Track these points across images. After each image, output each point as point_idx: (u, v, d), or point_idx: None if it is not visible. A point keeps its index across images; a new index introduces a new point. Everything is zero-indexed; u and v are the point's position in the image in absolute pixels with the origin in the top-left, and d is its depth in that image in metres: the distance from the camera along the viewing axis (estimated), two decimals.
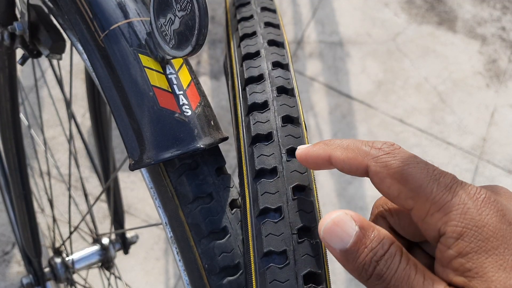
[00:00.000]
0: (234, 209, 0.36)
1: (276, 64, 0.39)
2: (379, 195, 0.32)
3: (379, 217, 0.33)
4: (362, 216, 0.29)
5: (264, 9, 0.44)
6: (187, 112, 0.36)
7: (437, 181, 0.28)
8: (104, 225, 1.29)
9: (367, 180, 1.32)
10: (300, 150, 0.33)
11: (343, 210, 0.29)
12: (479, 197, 0.28)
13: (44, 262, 0.92)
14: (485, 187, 0.30)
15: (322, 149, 0.32)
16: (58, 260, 0.88)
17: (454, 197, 0.28)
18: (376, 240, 0.28)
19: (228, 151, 1.39)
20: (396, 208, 0.32)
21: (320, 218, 0.34)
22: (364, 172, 0.30)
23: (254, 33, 0.41)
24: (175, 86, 0.37)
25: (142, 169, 0.38)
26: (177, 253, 0.37)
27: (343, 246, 0.29)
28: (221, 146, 0.95)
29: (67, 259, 0.89)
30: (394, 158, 0.29)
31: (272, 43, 0.41)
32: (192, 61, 1.54)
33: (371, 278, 0.28)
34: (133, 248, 0.96)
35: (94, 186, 1.33)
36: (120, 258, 1.23)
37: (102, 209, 1.31)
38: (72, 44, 0.45)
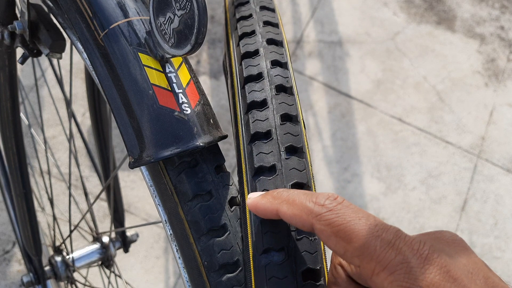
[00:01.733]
0: (234, 207, 0.36)
1: (275, 63, 0.40)
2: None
3: (337, 266, 0.33)
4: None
5: (263, 8, 0.44)
6: (187, 111, 0.36)
7: (379, 237, 0.28)
8: (104, 223, 1.29)
9: (366, 179, 1.32)
10: (250, 200, 0.33)
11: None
12: (422, 254, 0.27)
13: (45, 260, 0.92)
14: (430, 235, 0.29)
15: (269, 202, 0.32)
16: (58, 258, 0.89)
17: (398, 255, 0.27)
18: None
19: (228, 150, 1.39)
20: None
21: None
22: (310, 229, 0.30)
23: (253, 32, 0.42)
24: (174, 85, 0.37)
25: (142, 167, 0.39)
26: (177, 251, 0.37)
27: None
28: (221, 145, 0.95)
29: (67, 257, 0.89)
30: (337, 215, 0.29)
31: (271, 42, 0.41)
32: (192, 60, 1.55)
33: None
34: (133, 247, 0.96)
35: (94, 185, 1.33)
36: (120, 257, 1.24)
37: (102, 208, 1.31)
38: (72, 43, 0.45)
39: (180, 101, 0.37)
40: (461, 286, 0.27)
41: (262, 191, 0.34)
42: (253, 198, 0.33)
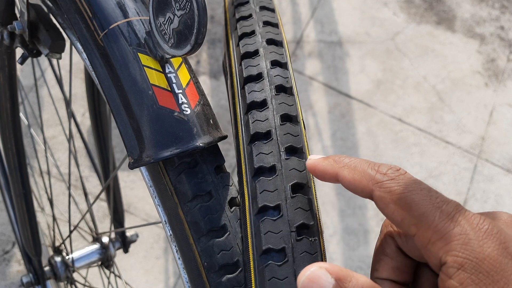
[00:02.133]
0: (233, 207, 0.36)
1: (275, 63, 0.39)
2: None
3: (387, 237, 0.33)
4: (338, 266, 0.29)
5: (263, 8, 0.44)
6: (186, 111, 0.36)
7: (440, 208, 0.28)
8: (104, 224, 1.29)
9: None
10: (311, 161, 0.33)
11: (318, 264, 0.29)
12: (481, 228, 0.28)
13: (44, 261, 0.92)
14: (488, 215, 0.30)
15: (330, 165, 0.32)
16: (58, 259, 0.89)
17: (456, 227, 0.28)
18: None
19: (228, 150, 1.39)
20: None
21: (318, 216, 0.34)
22: (368, 195, 0.30)
23: (253, 32, 0.42)
24: (174, 85, 0.37)
25: (142, 168, 0.39)
26: (177, 251, 0.37)
27: None
28: (221, 145, 0.95)
29: (67, 258, 0.89)
30: (398, 184, 0.29)
31: (270, 42, 0.41)
32: (192, 60, 1.54)
33: None
34: (133, 247, 0.96)
35: (94, 185, 1.33)
36: (120, 257, 1.24)
37: (102, 208, 1.31)
38: (72, 43, 0.45)
39: (180, 102, 0.37)
40: None
41: (262, 190, 0.34)
42: (313, 159, 0.33)
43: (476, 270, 0.27)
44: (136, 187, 1.35)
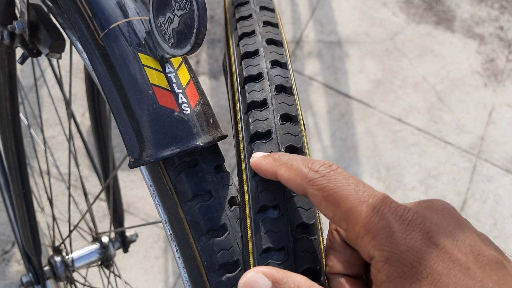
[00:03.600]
0: (233, 207, 0.36)
1: (275, 63, 0.40)
2: None
3: (333, 232, 0.33)
4: (275, 269, 0.30)
5: (263, 8, 0.44)
6: (186, 110, 0.36)
7: (366, 203, 0.29)
8: (104, 224, 1.29)
9: (365, 179, 1.31)
10: (254, 159, 0.34)
11: (255, 268, 0.30)
12: (405, 219, 0.28)
13: (44, 260, 0.92)
14: (421, 203, 0.30)
15: (270, 163, 0.33)
16: (57, 258, 0.89)
17: (381, 220, 0.28)
18: None
19: (228, 150, 1.39)
20: None
21: (318, 215, 0.35)
22: (304, 193, 0.31)
23: (253, 32, 0.42)
24: (174, 85, 0.37)
25: (142, 167, 0.39)
26: (177, 251, 0.37)
27: None
28: (221, 145, 0.95)
29: (66, 257, 0.89)
30: (328, 180, 0.30)
31: (270, 42, 0.41)
32: (192, 60, 1.55)
33: None
34: (132, 247, 0.96)
35: (94, 185, 1.33)
36: (119, 257, 1.24)
37: (101, 208, 1.31)
38: (72, 43, 0.45)
39: (180, 101, 0.37)
40: (443, 252, 0.27)
41: (262, 190, 0.34)
42: (256, 157, 0.34)
43: (400, 263, 0.27)
44: (136, 187, 1.35)
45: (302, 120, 0.38)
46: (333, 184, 0.30)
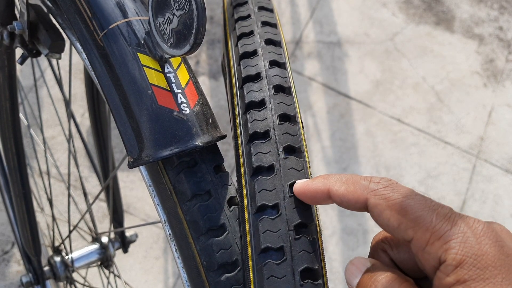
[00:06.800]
0: (232, 207, 0.36)
1: (273, 63, 0.40)
2: None
3: (379, 251, 0.33)
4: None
5: (261, 8, 0.44)
6: (186, 110, 0.36)
7: (436, 211, 0.29)
8: (104, 224, 1.29)
9: None
10: (299, 184, 0.34)
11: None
12: (477, 227, 0.29)
13: (44, 261, 0.92)
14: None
15: (321, 182, 0.33)
16: (57, 259, 0.89)
17: (454, 227, 0.29)
18: (385, 276, 0.30)
19: (227, 150, 1.39)
20: (395, 241, 0.33)
21: (316, 214, 0.35)
22: (363, 205, 0.31)
23: (251, 32, 0.42)
24: (173, 85, 0.37)
25: (141, 167, 0.39)
26: (176, 250, 0.38)
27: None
28: (220, 145, 0.95)
29: (66, 258, 0.89)
30: (393, 191, 0.30)
31: (269, 42, 0.41)
32: (191, 61, 1.55)
33: None
34: (132, 247, 0.96)
35: (93, 185, 1.33)
36: (119, 257, 1.24)
37: (101, 208, 1.31)
38: (71, 44, 0.45)
39: (179, 101, 0.37)
40: None
41: (260, 190, 0.34)
42: (301, 182, 0.34)
43: (474, 266, 0.27)
44: (135, 187, 1.35)
45: (300, 120, 0.38)
46: (399, 194, 0.30)
